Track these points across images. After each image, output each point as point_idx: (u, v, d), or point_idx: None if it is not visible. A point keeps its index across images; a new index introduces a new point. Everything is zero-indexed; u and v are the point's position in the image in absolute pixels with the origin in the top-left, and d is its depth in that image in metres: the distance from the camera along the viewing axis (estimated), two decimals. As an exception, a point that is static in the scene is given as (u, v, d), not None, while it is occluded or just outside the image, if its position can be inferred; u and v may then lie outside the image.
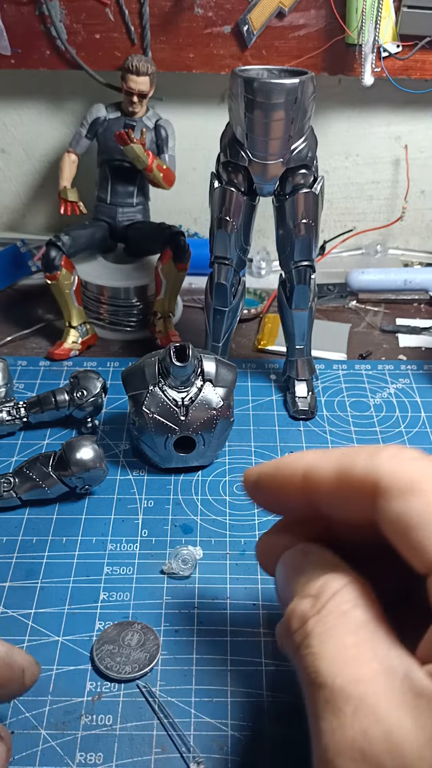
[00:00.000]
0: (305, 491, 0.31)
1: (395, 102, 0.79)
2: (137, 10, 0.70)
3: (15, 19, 0.71)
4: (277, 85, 0.49)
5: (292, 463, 0.32)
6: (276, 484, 0.33)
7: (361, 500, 0.29)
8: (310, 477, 0.31)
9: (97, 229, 0.70)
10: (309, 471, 0.31)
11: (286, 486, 0.32)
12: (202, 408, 0.52)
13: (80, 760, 0.36)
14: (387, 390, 0.64)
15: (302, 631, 0.27)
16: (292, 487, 0.32)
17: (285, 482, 0.32)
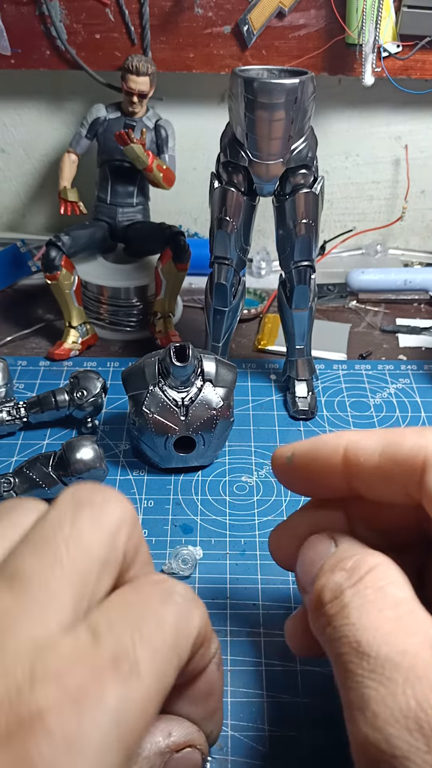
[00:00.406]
0: (345, 469, 0.31)
1: (395, 102, 0.79)
2: (137, 10, 0.70)
3: (15, 19, 0.71)
4: (277, 85, 0.49)
5: (332, 441, 0.32)
6: (313, 462, 0.32)
7: (406, 477, 0.29)
8: (353, 454, 0.31)
9: (97, 229, 0.70)
10: (351, 448, 0.31)
11: (324, 464, 0.32)
12: (202, 408, 0.52)
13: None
14: (387, 390, 0.64)
15: (337, 602, 0.27)
16: (330, 465, 0.32)
17: (323, 460, 0.32)
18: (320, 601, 0.28)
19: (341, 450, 0.31)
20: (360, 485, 0.31)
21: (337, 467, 0.31)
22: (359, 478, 0.31)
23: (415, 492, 0.29)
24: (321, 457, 0.32)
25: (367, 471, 0.30)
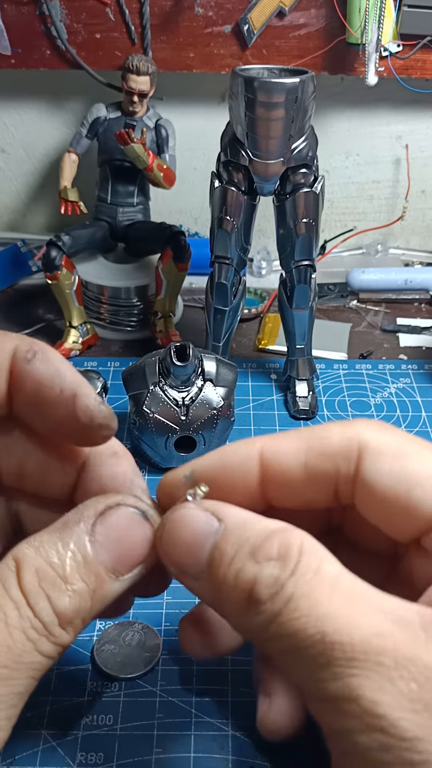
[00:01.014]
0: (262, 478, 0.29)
1: (396, 101, 0.79)
2: (137, 10, 0.70)
3: (15, 18, 0.71)
4: (278, 84, 0.49)
5: (242, 449, 0.30)
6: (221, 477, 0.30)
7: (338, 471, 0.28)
8: (272, 458, 0.29)
9: (98, 229, 0.70)
10: (269, 452, 0.29)
11: (236, 476, 0.29)
12: (202, 407, 0.52)
13: (81, 760, 0.36)
14: (388, 390, 0.64)
15: (279, 597, 0.24)
16: (244, 475, 0.29)
17: (234, 471, 0.29)
18: (255, 599, 0.25)
19: (256, 457, 0.29)
20: (279, 493, 0.30)
21: (252, 477, 0.29)
22: (279, 485, 0.29)
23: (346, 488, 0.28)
24: (231, 467, 0.30)
25: (291, 474, 0.29)
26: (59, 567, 0.26)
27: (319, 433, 0.29)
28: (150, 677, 0.40)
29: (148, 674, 0.40)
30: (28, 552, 0.26)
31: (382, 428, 0.29)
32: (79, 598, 0.26)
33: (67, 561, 0.26)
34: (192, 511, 0.28)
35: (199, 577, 0.27)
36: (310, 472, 0.29)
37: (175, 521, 0.28)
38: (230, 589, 0.26)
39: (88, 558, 0.27)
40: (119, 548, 0.28)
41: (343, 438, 0.28)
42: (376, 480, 0.28)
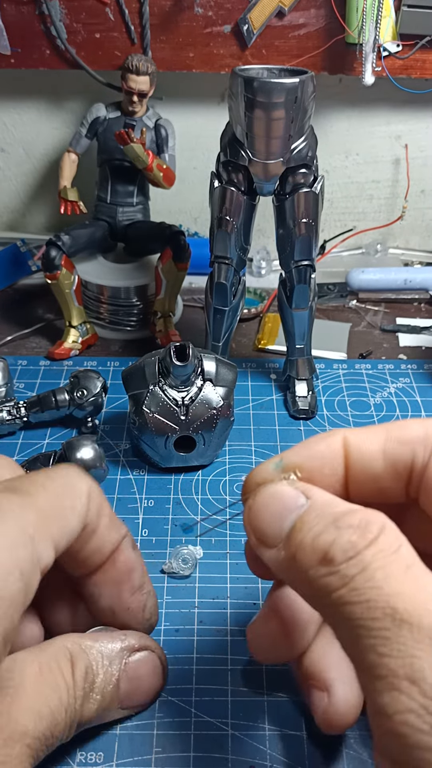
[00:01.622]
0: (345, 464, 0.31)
1: (395, 101, 0.79)
2: (137, 10, 0.70)
3: (15, 18, 0.71)
4: (277, 84, 0.49)
5: (327, 435, 0.31)
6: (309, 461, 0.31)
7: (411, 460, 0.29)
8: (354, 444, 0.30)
9: (97, 229, 0.70)
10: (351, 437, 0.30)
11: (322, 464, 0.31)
12: (202, 407, 0.52)
13: (80, 759, 0.36)
14: (387, 389, 0.64)
15: (355, 563, 0.25)
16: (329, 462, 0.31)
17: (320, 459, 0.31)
18: (329, 559, 0.26)
19: (340, 444, 0.31)
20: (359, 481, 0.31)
21: (337, 465, 0.30)
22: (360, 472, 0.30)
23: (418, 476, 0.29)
24: (318, 455, 0.31)
25: (371, 459, 0.30)
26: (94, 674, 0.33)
27: (400, 423, 0.31)
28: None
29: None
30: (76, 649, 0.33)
31: None
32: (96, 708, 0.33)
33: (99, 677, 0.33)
34: (282, 487, 0.29)
35: (277, 544, 0.28)
36: (388, 458, 0.30)
37: (264, 493, 0.29)
38: (306, 550, 0.27)
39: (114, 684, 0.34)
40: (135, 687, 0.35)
41: (421, 426, 0.30)
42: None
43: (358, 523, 0.26)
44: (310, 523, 0.27)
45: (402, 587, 0.24)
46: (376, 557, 0.25)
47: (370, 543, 0.26)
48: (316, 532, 0.27)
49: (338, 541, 0.26)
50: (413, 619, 0.24)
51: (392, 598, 0.24)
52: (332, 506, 0.28)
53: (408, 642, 0.23)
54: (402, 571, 0.25)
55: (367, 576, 0.25)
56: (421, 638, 0.23)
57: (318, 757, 0.36)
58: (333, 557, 0.26)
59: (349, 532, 0.26)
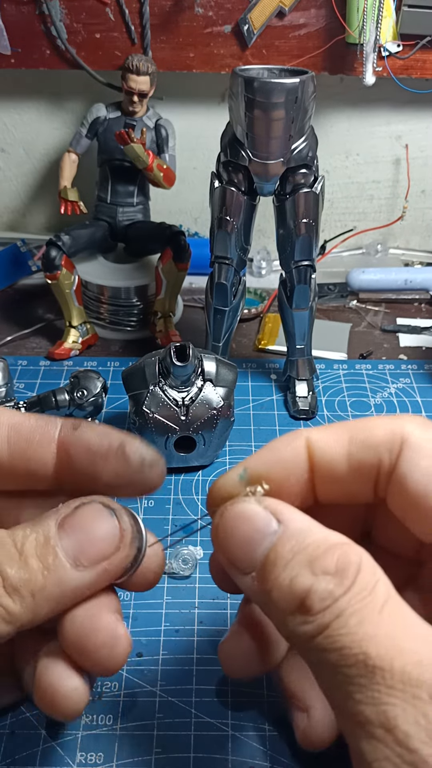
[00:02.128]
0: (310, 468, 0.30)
1: (396, 101, 0.79)
2: (137, 10, 0.70)
3: (15, 18, 0.71)
4: (278, 84, 0.49)
5: (290, 442, 0.30)
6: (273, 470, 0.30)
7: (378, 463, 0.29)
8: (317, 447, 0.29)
9: (98, 229, 0.70)
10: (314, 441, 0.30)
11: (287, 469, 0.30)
12: (202, 408, 0.52)
13: (80, 760, 0.36)
14: (387, 390, 0.64)
15: (331, 611, 0.25)
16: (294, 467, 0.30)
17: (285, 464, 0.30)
18: (306, 607, 0.25)
19: (303, 448, 0.30)
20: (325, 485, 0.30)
21: (302, 470, 0.30)
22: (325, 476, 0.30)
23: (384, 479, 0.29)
24: (282, 461, 0.30)
25: (336, 464, 0.29)
26: (18, 542, 0.28)
27: (363, 424, 0.30)
28: (150, 677, 0.40)
29: (147, 674, 0.40)
30: None
31: (427, 424, 0.29)
32: (29, 572, 0.28)
33: (29, 540, 0.28)
34: (253, 507, 0.28)
35: (249, 573, 0.28)
36: (353, 462, 0.29)
37: (233, 514, 0.28)
38: (282, 593, 0.26)
39: (48, 540, 0.28)
40: (82, 537, 0.29)
41: (386, 429, 0.29)
42: (409, 475, 0.28)
43: (335, 567, 0.26)
44: (284, 558, 0.27)
45: (375, 630, 0.24)
46: (351, 602, 0.25)
47: (347, 589, 0.25)
48: (292, 574, 0.26)
49: (315, 589, 0.25)
50: (385, 663, 0.23)
51: (364, 643, 0.24)
52: (306, 537, 0.27)
53: (381, 689, 0.23)
54: (376, 612, 0.25)
55: (341, 623, 0.25)
56: (394, 683, 0.23)
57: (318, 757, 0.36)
58: (310, 607, 0.25)
59: (326, 580, 0.25)
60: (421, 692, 0.23)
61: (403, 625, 0.25)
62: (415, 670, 0.23)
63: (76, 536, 0.29)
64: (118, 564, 0.29)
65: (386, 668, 0.23)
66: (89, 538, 0.29)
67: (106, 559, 0.29)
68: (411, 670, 0.23)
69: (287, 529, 0.27)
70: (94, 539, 0.29)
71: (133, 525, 0.30)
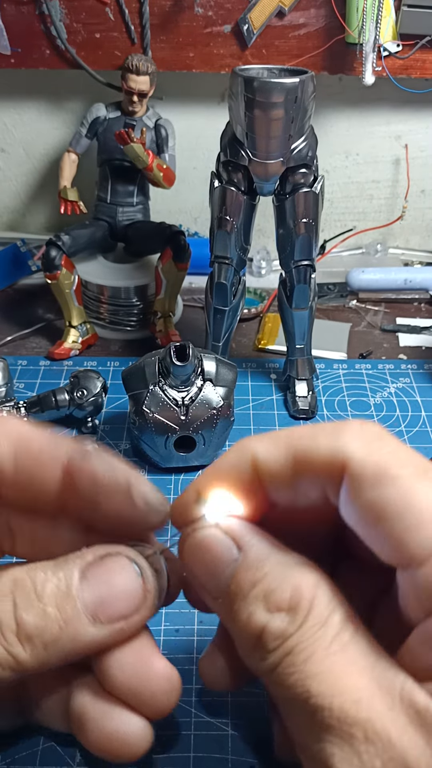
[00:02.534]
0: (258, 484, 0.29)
1: (395, 101, 0.79)
2: (137, 10, 0.70)
3: (15, 18, 0.71)
4: (277, 84, 0.49)
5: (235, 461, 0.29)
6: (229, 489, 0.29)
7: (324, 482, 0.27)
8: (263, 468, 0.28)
9: (98, 229, 0.70)
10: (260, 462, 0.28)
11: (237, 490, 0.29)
12: (202, 407, 0.52)
13: (81, 760, 0.36)
14: (387, 389, 0.64)
15: (282, 649, 0.25)
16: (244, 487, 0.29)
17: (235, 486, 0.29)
18: (261, 645, 0.25)
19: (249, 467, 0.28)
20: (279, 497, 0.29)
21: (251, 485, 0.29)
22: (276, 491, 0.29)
23: (333, 496, 0.27)
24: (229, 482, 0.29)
25: (283, 482, 0.28)
26: (39, 586, 0.27)
27: (306, 442, 0.27)
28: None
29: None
30: (18, 568, 0.28)
31: (371, 439, 0.27)
32: (46, 621, 0.27)
33: (49, 585, 0.27)
34: (213, 534, 0.28)
35: (219, 598, 0.28)
36: (298, 482, 0.28)
37: (196, 542, 0.28)
38: (242, 628, 0.26)
39: (71, 590, 0.27)
40: (104, 592, 0.28)
41: (328, 450, 0.27)
42: (354, 504, 0.26)
43: (288, 603, 0.25)
44: (243, 590, 0.26)
45: (319, 668, 0.24)
46: (301, 639, 0.25)
47: (299, 626, 0.25)
48: (249, 609, 0.26)
49: (269, 627, 0.25)
50: (325, 701, 0.23)
51: (308, 681, 0.24)
52: (264, 566, 0.26)
53: (321, 726, 0.23)
54: (324, 648, 0.24)
55: (290, 661, 0.25)
56: (332, 722, 0.23)
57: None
58: (264, 644, 0.25)
59: (280, 617, 0.25)
60: (356, 731, 0.23)
61: (351, 661, 0.24)
62: (353, 708, 0.23)
63: (98, 590, 0.28)
64: (135, 625, 0.29)
65: (326, 707, 0.23)
66: (111, 594, 0.28)
67: (125, 618, 0.28)
68: (349, 708, 0.23)
69: (246, 558, 0.27)
70: (117, 597, 0.28)
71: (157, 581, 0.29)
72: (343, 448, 0.26)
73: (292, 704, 0.25)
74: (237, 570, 0.27)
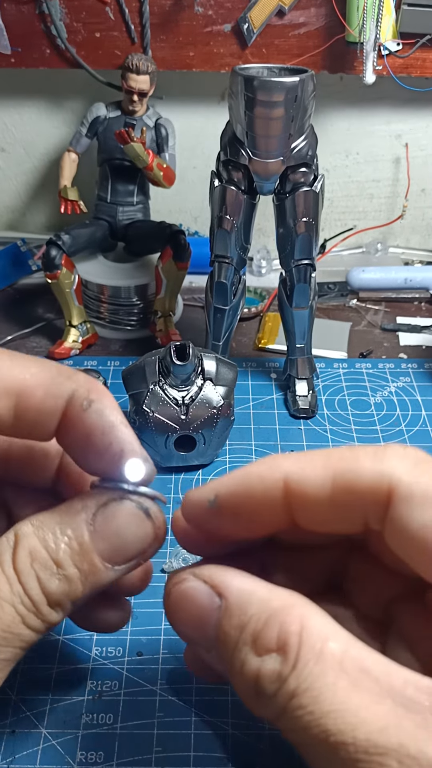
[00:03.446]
0: (287, 507, 0.28)
1: (395, 100, 0.79)
2: (137, 9, 0.70)
3: (15, 17, 0.71)
4: (277, 83, 0.49)
5: (267, 475, 0.28)
6: (245, 503, 0.28)
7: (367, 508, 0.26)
8: (297, 488, 0.27)
9: (98, 228, 0.70)
10: (295, 481, 0.27)
11: (260, 503, 0.28)
12: (202, 407, 0.52)
13: (81, 759, 0.36)
14: (387, 388, 0.64)
15: (283, 693, 0.24)
16: (267, 503, 0.28)
17: (259, 499, 0.28)
18: (260, 693, 0.24)
19: (280, 484, 0.28)
20: (305, 520, 0.28)
21: (276, 506, 0.28)
22: (305, 514, 0.28)
23: (376, 524, 0.27)
24: (255, 495, 0.28)
25: (317, 506, 0.27)
26: (53, 551, 0.28)
27: (348, 465, 0.27)
28: (150, 676, 0.40)
29: (147, 672, 0.40)
30: (27, 530, 0.28)
31: (417, 463, 0.26)
32: (69, 583, 0.28)
33: (62, 546, 0.28)
34: (193, 585, 0.28)
35: (211, 650, 0.27)
36: (337, 507, 0.27)
37: (177, 596, 0.28)
38: (238, 677, 0.26)
39: (84, 546, 0.28)
40: (117, 540, 0.29)
41: (373, 475, 0.26)
42: (405, 526, 0.25)
43: (276, 643, 0.24)
44: (231, 638, 0.26)
45: (330, 703, 0.23)
46: (300, 678, 0.23)
47: (293, 665, 0.24)
48: (240, 657, 0.25)
49: (263, 673, 0.24)
50: (347, 737, 0.22)
51: (323, 720, 0.23)
52: (248, 608, 0.26)
53: (348, 764, 0.22)
54: (330, 680, 0.23)
55: (296, 703, 0.23)
56: (359, 756, 0.22)
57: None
58: (263, 691, 0.24)
59: (272, 659, 0.24)
60: (389, 760, 0.21)
61: (364, 688, 0.23)
62: (381, 738, 0.22)
63: (110, 541, 0.29)
64: (149, 556, 0.30)
65: (349, 742, 0.22)
66: (125, 542, 0.29)
67: (141, 556, 0.30)
68: (376, 738, 0.22)
69: (228, 604, 0.26)
70: (131, 544, 0.29)
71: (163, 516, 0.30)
72: (390, 472, 0.26)
73: (313, 747, 0.23)
74: (222, 617, 0.26)
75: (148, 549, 0.30)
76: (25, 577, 0.27)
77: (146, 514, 0.29)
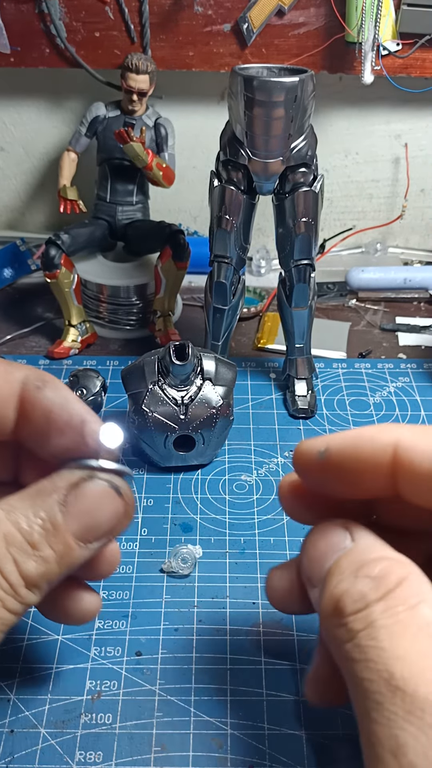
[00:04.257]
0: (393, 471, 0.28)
1: (395, 100, 0.79)
2: (137, 9, 0.70)
3: (14, 17, 0.71)
4: (277, 83, 0.49)
5: (378, 437, 0.28)
6: (353, 461, 0.29)
7: None
8: (406, 456, 0.27)
9: (97, 228, 0.70)
10: (404, 449, 0.27)
11: (367, 464, 0.28)
12: (201, 406, 0.52)
13: (80, 759, 0.36)
14: (387, 388, 0.64)
15: (363, 617, 0.24)
16: (375, 465, 0.28)
17: (366, 459, 0.28)
18: (339, 609, 0.25)
19: (390, 450, 0.28)
20: (409, 489, 0.28)
21: (383, 468, 0.28)
22: (410, 483, 0.28)
23: None
24: (364, 455, 0.28)
25: (422, 478, 0.27)
26: (28, 534, 0.28)
27: None
28: (149, 676, 0.40)
29: (147, 674, 0.40)
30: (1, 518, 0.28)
31: None
32: (46, 564, 0.28)
33: (36, 528, 0.28)
34: (332, 526, 0.29)
35: (317, 585, 0.28)
36: None
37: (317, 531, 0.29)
38: (326, 597, 0.26)
39: (58, 526, 0.29)
40: (89, 519, 0.30)
41: None
42: None
43: (377, 573, 0.25)
44: (341, 568, 0.27)
45: (405, 650, 0.23)
46: (384, 614, 0.24)
47: (382, 596, 0.24)
48: (339, 579, 0.26)
49: (350, 591, 0.25)
50: (408, 686, 0.22)
51: (391, 661, 0.23)
52: (366, 552, 0.27)
53: (399, 711, 0.22)
54: (411, 632, 0.23)
55: (371, 633, 0.24)
56: (413, 709, 0.22)
57: (319, 756, 0.36)
58: (343, 608, 0.25)
59: (363, 582, 0.25)
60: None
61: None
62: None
63: (84, 521, 0.29)
64: (119, 532, 0.31)
65: (408, 692, 0.22)
66: (97, 521, 0.30)
67: (112, 533, 0.31)
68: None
69: (356, 546, 0.28)
70: (101, 519, 0.30)
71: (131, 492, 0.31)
72: None
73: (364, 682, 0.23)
74: (343, 555, 0.27)
75: (118, 525, 0.31)
76: (2, 562, 0.28)
77: (117, 491, 0.30)
